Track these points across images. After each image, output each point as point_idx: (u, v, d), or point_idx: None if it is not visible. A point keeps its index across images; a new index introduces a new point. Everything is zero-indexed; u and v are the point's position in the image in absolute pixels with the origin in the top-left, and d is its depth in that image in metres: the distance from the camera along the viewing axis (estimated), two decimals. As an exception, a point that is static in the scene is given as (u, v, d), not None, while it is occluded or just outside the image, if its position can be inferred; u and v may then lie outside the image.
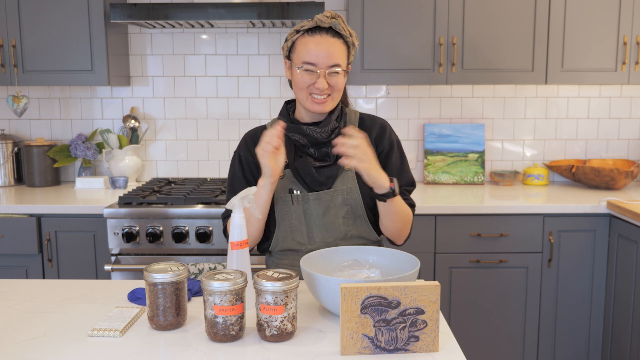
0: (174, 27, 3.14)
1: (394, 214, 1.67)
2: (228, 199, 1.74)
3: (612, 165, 3.21)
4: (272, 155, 1.58)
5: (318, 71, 1.63)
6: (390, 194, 1.59)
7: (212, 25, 3.13)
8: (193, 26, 3.14)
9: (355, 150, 1.51)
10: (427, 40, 2.91)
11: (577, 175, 3.07)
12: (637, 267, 2.51)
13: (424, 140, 3.28)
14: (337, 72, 1.64)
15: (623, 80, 2.92)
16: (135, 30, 3.25)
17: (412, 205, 1.77)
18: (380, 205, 1.65)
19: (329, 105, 1.68)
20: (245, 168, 1.77)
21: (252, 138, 1.79)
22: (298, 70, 1.65)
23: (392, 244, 1.80)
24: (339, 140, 1.53)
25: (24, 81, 2.96)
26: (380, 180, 1.56)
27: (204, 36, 3.26)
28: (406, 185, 1.78)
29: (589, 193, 2.95)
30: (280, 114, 1.77)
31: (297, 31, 1.66)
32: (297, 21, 2.88)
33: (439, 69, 2.92)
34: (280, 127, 1.59)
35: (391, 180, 1.59)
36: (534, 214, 2.70)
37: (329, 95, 1.66)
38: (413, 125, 3.32)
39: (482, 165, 3.24)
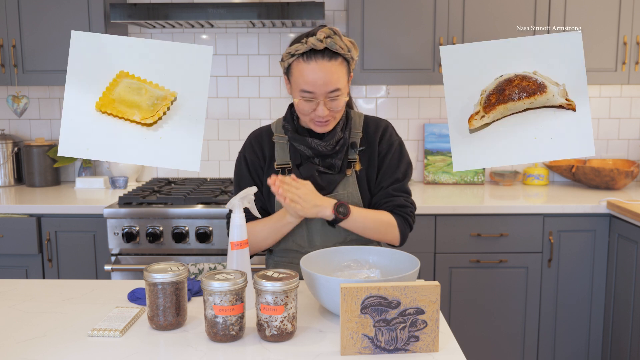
0: (174, 27, 3.14)
1: (361, 230, 1.67)
2: None
3: (612, 165, 3.21)
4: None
5: (317, 99, 1.59)
6: (338, 220, 1.62)
7: (212, 25, 3.13)
8: (193, 26, 3.14)
9: (297, 198, 1.57)
10: (427, 40, 2.91)
11: (577, 175, 3.07)
12: (637, 267, 2.51)
13: (424, 140, 3.28)
14: (337, 97, 1.60)
15: (623, 80, 2.92)
16: (136, 30, 3.25)
17: (401, 206, 1.72)
18: (343, 224, 1.65)
19: (332, 125, 1.67)
20: (251, 169, 1.76)
21: (257, 139, 1.78)
22: (296, 99, 1.62)
23: (390, 245, 1.80)
24: (280, 187, 1.56)
25: (24, 81, 2.96)
26: (321, 213, 1.60)
27: (204, 36, 3.27)
28: (395, 183, 1.73)
29: (589, 193, 2.95)
30: (285, 119, 1.74)
31: (292, 54, 1.60)
32: (297, 21, 2.88)
33: (438, 69, 2.92)
34: (292, 180, 1.60)
35: (335, 208, 1.60)
36: (534, 214, 2.70)
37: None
38: (413, 125, 3.32)
39: (482, 165, 3.24)
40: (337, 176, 1.70)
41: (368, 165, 1.74)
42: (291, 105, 1.76)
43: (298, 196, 1.57)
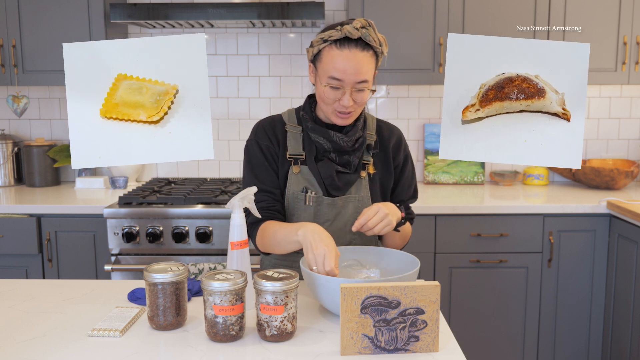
0: (174, 27, 3.14)
1: (399, 236, 1.73)
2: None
3: (612, 165, 3.21)
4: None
5: (344, 88, 1.56)
6: (402, 223, 1.66)
7: (212, 25, 3.13)
8: (193, 26, 3.14)
9: (383, 224, 1.52)
10: (427, 40, 2.91)
11: (577, 175, 3.07)
12: (637, 267, 2.51)
13: (424, 140, 3.28)
14: (363, 89, 1.58)
15: (623, 80, 2.92)
16: (136, 30, 3.25)
17: (412, 219, 1.80)
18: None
19: (353, 118, 1.64)
20: (267, 155, 1.70)
21: (270, 125, 1.73)
22: (323, 85, 1.58)
23: None
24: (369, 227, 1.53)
25: (24, 81, 2.96)
26: (396, 217, 1.60)
27: (205, 36, 3.26)
28: (411, 198, 1.81)
29: (589, 193, 2.95)
30: (303, 109, 1.71)
31: (324, 40, 1.56)
32: (297, 21, 2.88)
33: (439, 69, 2.92)
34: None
35: (400, 210, 1.63)
36: (534, 214, 2.70)
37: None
38: (413, 125, 3.32)
39: (482, 165, 3.25)
40: (352, 176, 1.68)
41: (382, 170, 1.74)
42: (309, 97, 1.72)
43: (385, 215, 1.53)
